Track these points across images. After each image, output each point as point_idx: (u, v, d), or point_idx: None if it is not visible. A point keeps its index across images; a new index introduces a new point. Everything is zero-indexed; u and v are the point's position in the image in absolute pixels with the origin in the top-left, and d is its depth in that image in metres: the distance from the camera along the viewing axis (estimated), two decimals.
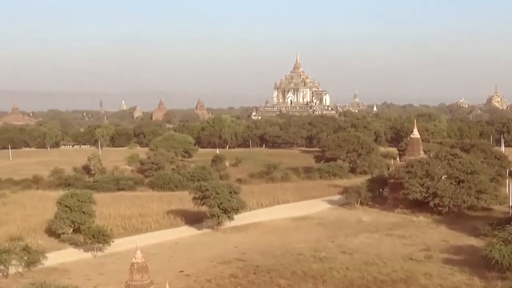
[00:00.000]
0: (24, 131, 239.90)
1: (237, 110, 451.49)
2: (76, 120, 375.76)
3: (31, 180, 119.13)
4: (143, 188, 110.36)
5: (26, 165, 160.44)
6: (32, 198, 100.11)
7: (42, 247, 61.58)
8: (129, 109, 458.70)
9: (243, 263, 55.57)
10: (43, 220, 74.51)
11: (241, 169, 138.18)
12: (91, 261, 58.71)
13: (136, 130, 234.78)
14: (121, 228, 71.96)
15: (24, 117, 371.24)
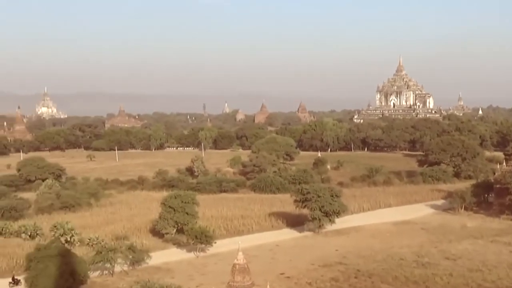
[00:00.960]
0: (130, 133, 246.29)
1: (339, 113, 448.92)
2: (180, 123, 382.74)
3: (137, 181, 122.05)
4: (245, 190, 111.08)
5: (131, 166, 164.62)
6: (137, 198, 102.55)
7: (147, 246, 62.88)
8: (232, 112, 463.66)
9: (344, 266, 55.05)
10: (147, 220, 76.13)
11: (342, 173, 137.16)
12: (194, 261, 59.48)
13: (238, 132, 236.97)
14: (223, 229, 72.58)
15: (130, 119, 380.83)
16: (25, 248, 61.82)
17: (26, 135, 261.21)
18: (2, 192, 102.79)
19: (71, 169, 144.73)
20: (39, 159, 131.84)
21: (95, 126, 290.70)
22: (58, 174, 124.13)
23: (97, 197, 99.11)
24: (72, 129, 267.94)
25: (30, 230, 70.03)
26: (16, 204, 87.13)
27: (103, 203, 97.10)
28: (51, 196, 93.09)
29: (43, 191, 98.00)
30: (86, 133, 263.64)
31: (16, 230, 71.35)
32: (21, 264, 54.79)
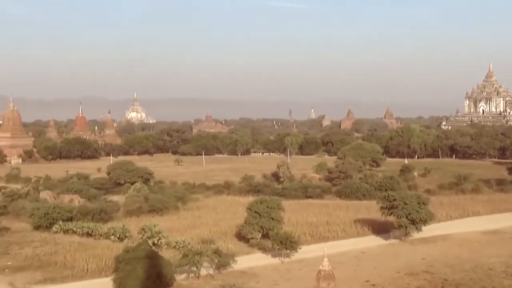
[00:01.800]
0: (216, 138, 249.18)
1: (426, 119, 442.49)
2: (266, 128, 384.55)
3: (223, 185, 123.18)
4: (331, 196, 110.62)
5: (218, 171, 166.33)
6: (223, 203, 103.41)
7: (232, 250, 63.29)
8: (317, 118, 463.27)
9: (430, 275, 54.06)
10: (233, 224, 76.67)
11: (430, 180, 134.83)
12: (279, 266, 59.55)
13: (324, 138, 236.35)
14: (308, 235, 72.40)
15: (217, 124, 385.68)
16: (113, 249, 63.28)
17: (116, 139, 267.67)
18: (92, 195, 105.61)
19: (159, 173, 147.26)
20: (128, 163, 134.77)
21: (183, 131, 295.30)
22: (146, 178, 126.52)
23: (184, 201, 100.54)
24: (160, 134, 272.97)
25: (119, 232, 71.60)
26: (106, 206, 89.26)
27: (190, 207, 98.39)
28: (140, 199, 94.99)
29: (132, 194, 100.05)
30: (174, 138, 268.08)
31: (106, 232, 73.08)
32: (110, 265, 56.07)
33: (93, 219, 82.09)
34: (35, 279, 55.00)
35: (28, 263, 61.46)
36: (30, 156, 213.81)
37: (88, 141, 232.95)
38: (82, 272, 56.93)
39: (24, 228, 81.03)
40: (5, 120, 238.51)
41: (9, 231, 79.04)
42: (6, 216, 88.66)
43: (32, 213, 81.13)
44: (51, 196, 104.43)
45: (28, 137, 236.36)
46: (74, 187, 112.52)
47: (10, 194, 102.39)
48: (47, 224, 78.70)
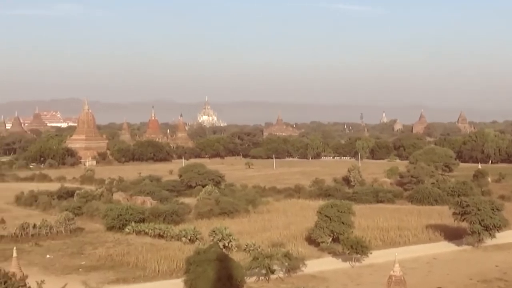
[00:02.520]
0: (287, 141, 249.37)
1: (500, 124, 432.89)
2: (337, 132, 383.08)
3: (293, 189, 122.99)
4: (402, 201, 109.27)
5: (288, 175, 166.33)
6: (293, 206, 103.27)
7: (302, 254, 63.22)
8: (389, 122, 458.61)
9: (504, 283, 52.87)
10: (303, 228, 76.56)
11: (504, 186, 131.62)
12: (349, 271, 59.19)
13: (396, 143, 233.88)
14: (379, 240, 71.77)
15: (287, 128, 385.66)
16: (185, 251, 63.99)
17: (187, 142, 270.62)
18: (164, 197, 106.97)
19: (230, 176, 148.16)
20: (200, 166, 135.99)
21: (254, 135, 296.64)
22: (217, 181, 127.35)
23: (254, 204, 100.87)
24: (231, 137, 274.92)
25: (190, 234, 72.35)
26: (177, 208, 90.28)
27: (260, 210, 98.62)
28: (211, 202, 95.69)
29: (203, 196, 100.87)
30: (244, 141, 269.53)
31: (177, 234, 73.95)
32: (181, 266, 56.71)
33: (164, 221, 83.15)
34: (108, 279, 56.06)
35: (101, 263, 62.72)
36: (104, 158, 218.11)
37: (160, 144, 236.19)
38: (154, 273, 57.75)
39: (98, 229, 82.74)
40: (80, 123, 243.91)
41: (83, 231, 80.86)
42: (81, 216, 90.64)
43: (105, 214, 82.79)
44: (124, 197, 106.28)
45: (102, 139, 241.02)
46: (146, 189, 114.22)
47: (85, 195, 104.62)
48: (120, 225, 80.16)
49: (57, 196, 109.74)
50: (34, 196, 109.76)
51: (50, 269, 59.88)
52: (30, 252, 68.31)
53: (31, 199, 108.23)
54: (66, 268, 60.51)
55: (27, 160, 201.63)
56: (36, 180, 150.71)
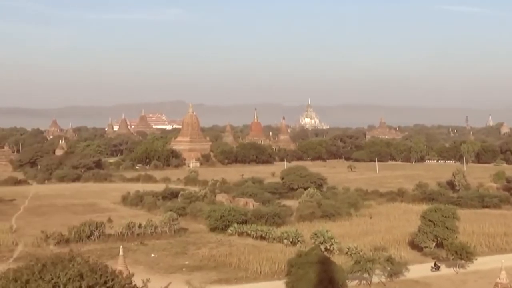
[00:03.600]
0: (390, 144, 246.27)
1: None
2: (441, 135, 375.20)
3: (396, 193, 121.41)
4: (509, 206, 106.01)
5: (391, 178, 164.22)
6: (396, 210, 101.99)
7: (405, 259, 62.38)
8: (495, 125, 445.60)
9: None
10: (406, 232, 75.50)
11: None
12: (453, 277, 57.94)
13: (502, 146, 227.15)
14: (484, 246, 69.93)
15: (390, 131, 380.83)
16: (286, 253, 64.26)
17: (289, 144, 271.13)
18: (266, 199, 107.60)
19: (332, 179, 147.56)
20: (302, 168, 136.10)
21: (356, 137, 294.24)
22: (319, 184, 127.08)
23: (356, 207, 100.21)
24: (333, 140, 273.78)
25: (292, 237, 72.58)
26: (279, 211, 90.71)
27: (362, 213, 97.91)
28: (312, 204, 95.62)
29: (305, 199, 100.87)
30: (347, 144, 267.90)
31: (279, 236, 74.32)
32: (282, 268, 56.98)
33: (266, 223, 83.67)
34: (210, 279, 56.91)
35: (204, 263, 63.75)
36: (207, 159, 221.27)
37: (262, 146, 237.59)
38: (256, 274, 58.24)
39: (201, 229, 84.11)
40: (185, 125, 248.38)
41: (187, 231, 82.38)
42: (185, 217, 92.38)
43: (208, 215, 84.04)
44: (227, 199, 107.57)
45: (206, 141, 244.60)
46: (249, 190, 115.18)
47: (188, 196, 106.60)
48: (223, 226, 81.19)
49: (162, 197, 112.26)
50: (139, 196, 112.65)
51: (154, 268, 61.36)
52: (136, 251, 70.17)
53: (137, 199, 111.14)
54: (170, 267, 61.86)
55: (133, 161, 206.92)
56: (141, 181, 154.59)
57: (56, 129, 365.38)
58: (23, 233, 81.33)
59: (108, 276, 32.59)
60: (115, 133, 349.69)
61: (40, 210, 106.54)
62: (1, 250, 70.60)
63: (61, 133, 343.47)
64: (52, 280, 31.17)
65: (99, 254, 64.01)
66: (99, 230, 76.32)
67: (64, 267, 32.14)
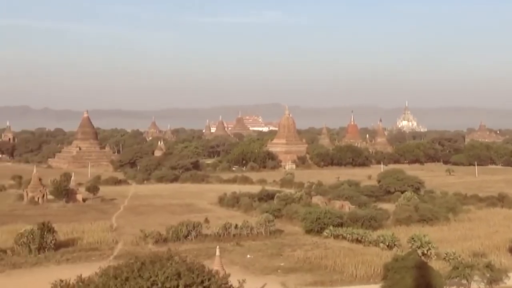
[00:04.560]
0: (490, 148, 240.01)
1: None
2: None
3: (496, 197, 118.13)
4: None
5: (491, 182, 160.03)
6: (496, 215, 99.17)
7: (505, 265, 60.62)
8: None
9: None
10: (506, 238, 73.42)
11: None
12: None
13: None
14: None
15: (491, 134, 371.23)
16: (382, 257, 63.58)
17: (386, 147, 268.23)
18: (363, 202, 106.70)
19: (430, 182, 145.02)
20: (399, 171, 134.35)
21: (455, 140, 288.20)
22: (416, 187, 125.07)
23: (455, 211, 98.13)
24: (431, 143, 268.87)
25: (388, 240, 71.80)
26: (375, 214, 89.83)
27: (461, 218, 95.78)
28: (409, 208, 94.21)
29: (402, 203, 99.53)
30: (445, 147, 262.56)
31: (375, 240, 73.65)
32: (378, 272, 56.45)
33: (362, 226, 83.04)
34: (305, 281, 56.93)
35: (299, 265, 63.82)
36: (303, 162, 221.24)
37: (359, 149, 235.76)
38: (351, 277, 57.92)
39: (297, 231, 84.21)
40: (281, 127, 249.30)
41: (282, 233, 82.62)
42: (280, 219, 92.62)
43: (304, 217, 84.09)
44: (322, 201, 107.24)
45: (302, 143, 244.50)
46: (345, 193, 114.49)
47: (284, 198, 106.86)
48: (318, 228, 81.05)
49: (258, 198, 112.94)
50: (236, 197, 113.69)
51: (250, 269, 61.83)
52: (232, 251, 70.88)
53: (233, 200, 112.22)
54: (265, 269, 62.21)
55: (230, 162, 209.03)
56: (238, 182, 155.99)
57: (155, 130, 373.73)
58: (123, 232, 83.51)
59: (205, 276, 33.10)
60: (212, 134, 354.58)
61: (139, 209, 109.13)
62: (102, 248, 72.67)
63: (160, 134, 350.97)
64: (151, 278, 31.91)
65: (196, 254, 64.92)
66: (196, 230, 77.50)
67: (162, 265, 32.85)
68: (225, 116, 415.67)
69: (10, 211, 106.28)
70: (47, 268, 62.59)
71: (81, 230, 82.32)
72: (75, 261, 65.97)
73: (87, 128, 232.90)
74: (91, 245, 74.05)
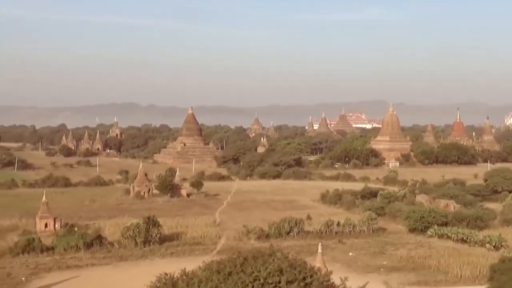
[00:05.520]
0: None
1: None
2: None
3: None
4: None
5: None
6: None
7: None
8: None
9: None
10: None
11: None
12: None
13: None
14: None
15: None
16: (488, 258, 62.07)
17: (493, 145, 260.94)
18: (468, 201, 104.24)
19: None
20: (507, 170, 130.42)
21: None
22: None
23: None
24: None
25: (495, 241, 69.97)
26: (482, 213, 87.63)
27: None
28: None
29: (510, 202, 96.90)
30: None
31: (481, 240, 71.90)
32: (484, 273, 55.13)
33: (468, 226, 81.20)
34: (408, 281, 56.22)
35: (402, 264, 63.06)
36: (407, 159, 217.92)
37: (465, 147, 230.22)
38: (456, 278, 56.83)
39: (400, 230, 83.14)
40: (385, 124, 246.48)
41: (385, 231, 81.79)
42: (383, 217, 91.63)
43: (408, 216, 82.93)
44: (426, 200, 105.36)
45: (406, 141, 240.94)
46: (450, 192, 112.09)
47: (387, 196, 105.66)
48: (422, 227, 79.78)
49: (361, 196, 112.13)
50: (338, 194, 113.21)
51: (352, 267, 61.58)
52: (334, 249, 70.74)
53: (335, 198, 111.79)
54: (367, 267, 61.81)
55: (333, 159, 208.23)
56: (340, 179, 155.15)
57: (258, 127, 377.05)
58: (226, 227, 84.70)
59: (307, 273, 33.10)
60: (315, 131, 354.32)
61: (241, 205, 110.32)
62: (205, 243, 73.94)
63: (262, 131, 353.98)
64: (253, 273, 32.17)
65: (298, 251, 65.19)
66: (298, 227, 77.68)
67: (265, 261, 33.05)
68: (327, 113, 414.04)
69: (117, 205, 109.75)
70: (152, 261, 64.29)
71: (185, 225, 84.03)
72: (179, 255, 67.46)
73: (191, 125, 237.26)
74: (194, 239, 75.47)
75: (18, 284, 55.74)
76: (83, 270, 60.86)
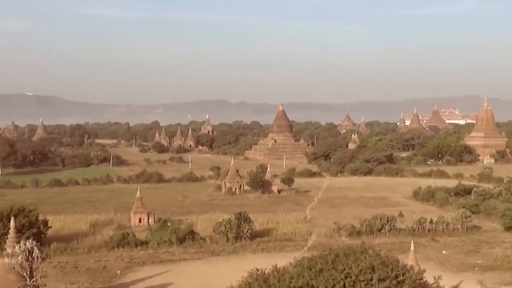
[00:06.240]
0: None
1: None
2: None
3: None
4: None
5: None
6: None
7: None
8: None
9: None
10: None
11: None
12: None
13: None
14: None
15: None
16: None
17: None
18: None
19: None
20: None
21: None
22: None
23: None
24: None
25: None
26: None
27: None
28: None
29: None
30: None
31: None
32: None
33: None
34: (504, 280, 54.91)
35: (498, 263, 61.62)
36: (502, 156, 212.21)
37: None
38: None
39: (495, 228, 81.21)
40: (479, 120, 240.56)
41: (479, 230, 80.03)
42: (478, 215, 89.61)
43: (503, 214, 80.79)
44: None
45: (501, 137, 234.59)
46: None
47: (482, 193, 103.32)
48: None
49: (454, 193, 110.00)
50: (431, 191, 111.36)
51: (445, 265, 60.60)
52: (427, 246, 69.74)
53: (428, 195, 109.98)
54: (461, 266, 60.69)
55: (425, 156, 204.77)
56: (433, 176, 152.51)
57: (349, 123, 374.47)
58: (316, 224, 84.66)
59: (399, 270, 32.85)
60: (406, 127, 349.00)
61: (332, 201, 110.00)
62: (296, 239, 74.17)
63: (353, 127, 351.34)
64: (345, 270, 32.16)
65: (390, 248, 64.51)
66: (390, 224, 76.94)
67: (356, 258, 32.99)
68: (419, 109, 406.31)
69: (209, 201, 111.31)
70: (243, 257, 64.94)
71: (276, 221, 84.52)
72: (270, 250, 67.93)
73: (282, 121, 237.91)
74: (285, 235, 75.80)
75: (114, 277, 57.38)
76: (175, 265, 62.11)
